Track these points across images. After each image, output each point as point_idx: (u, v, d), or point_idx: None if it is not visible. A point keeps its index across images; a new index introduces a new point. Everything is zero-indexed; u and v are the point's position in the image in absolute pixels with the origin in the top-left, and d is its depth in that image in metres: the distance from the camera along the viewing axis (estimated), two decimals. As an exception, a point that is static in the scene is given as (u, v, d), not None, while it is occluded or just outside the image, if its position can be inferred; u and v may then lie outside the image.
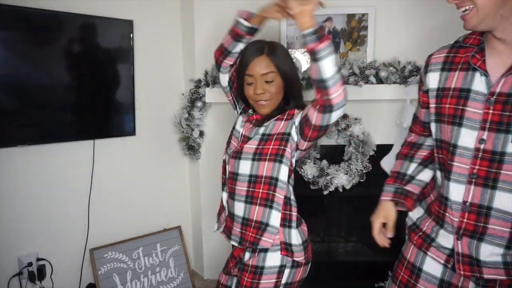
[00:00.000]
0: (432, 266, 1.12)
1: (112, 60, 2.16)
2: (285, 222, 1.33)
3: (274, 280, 1.30)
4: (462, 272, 1.04)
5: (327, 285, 2.30)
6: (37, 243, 2.08)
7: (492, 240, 0.99)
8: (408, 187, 1.23)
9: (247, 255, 1.38)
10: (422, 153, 1.26)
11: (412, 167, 1.25)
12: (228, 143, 1.48)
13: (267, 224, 1.31)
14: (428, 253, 1.13)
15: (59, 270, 2.15)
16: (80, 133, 2.11)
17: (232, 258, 1.51)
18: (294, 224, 1.34)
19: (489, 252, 1.00)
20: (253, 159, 1.32)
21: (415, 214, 1.22)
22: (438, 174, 1.14)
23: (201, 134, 2.43)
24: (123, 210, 2.39)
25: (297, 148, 1.32)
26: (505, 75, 0.95)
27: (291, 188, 1.36)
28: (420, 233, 1.17)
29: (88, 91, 2.09)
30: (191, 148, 2.44)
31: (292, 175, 1.36)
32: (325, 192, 2.17)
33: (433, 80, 1.11)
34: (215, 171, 2.52)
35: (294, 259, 1.32)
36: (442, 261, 1.10)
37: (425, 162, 1.24)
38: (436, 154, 1.14)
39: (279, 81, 1.35)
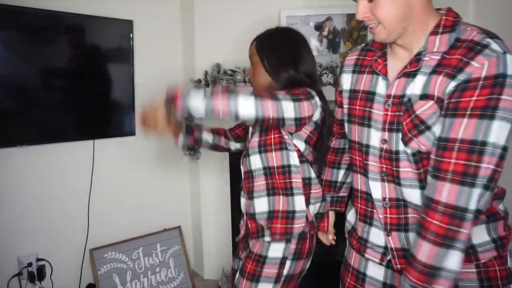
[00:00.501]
0: (374, 270, 1.14)
1: (112, 60, 2.16)
2: (309, 201, 1.35)
3: (276, 271, 1.31)
4: (398, 266, 1.06)
5: (327, 285, 2.30)
6: (37, 243, 2.08)
7: (416, 229, 1.02)
8: (342, 193, 1.38)
9: (252, 242, 1.39)
10: (347, 157, 1.33)
11: (341, 174, 1.36)
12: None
13: (294, 212, 1.32)
14: (365, 255, 1.14)
15: (59, 270, 2.15)
16: (80, 133, 2.11)
17: (242, 240, 1.50)
18: (315, 200, 1.36)
19: None
20: (260, 152, 1.33)
21: (352, 217, 1.24)
22: (351, 172, 1.21)
23: (201, 134, 2.42)
24: (123, 210, 2.39)
25: (291, 133, 1.31)
26: (397, 78, 1.00)
27: (307, 168, 1.35)
28: (357, 237, 1.19)
29: (88, 91, 2.09)
30: (191, 148, 2.43)
31: (304, 154, 1.34)
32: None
33: (346, 81, 1.17)
34: (215, 171, 2.52)
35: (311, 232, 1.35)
36: (378, 260, 1.11)
37: (351, 166, 1.30)
38: (349, 154, 1.19)
39: (261, 65, 1.39)
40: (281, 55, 1.37)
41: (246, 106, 1.12)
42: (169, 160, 2.57)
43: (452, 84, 0.90)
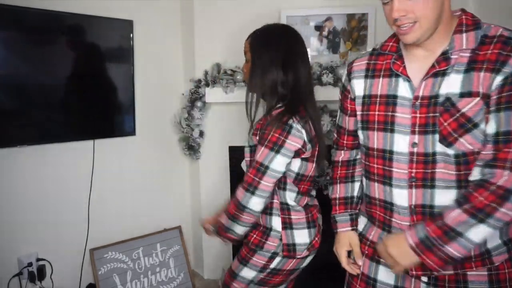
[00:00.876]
0: (386, 275, 1.13)
1: (112, 60, 2.16)
2: (287, 225, 1.36)
3: (264, 262, 1.37)
4: (414, 273, 1.06)
5: (327, 285, 2.30)
6: (37, 243, 2.08)
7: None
8: (357, 209, 1.25)
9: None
10: (360, 168, 1.25)
11: (356, 188, 1.24)
12: None
13: (271, 229, 1.37)
14: (382, 261, 1.13)
15: (59, 270, 2.15)
16: (80, 133, 2.11)
17: None
18: (300, 225, 1.37)
19: None
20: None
21: (360, 224, 1.23)
22: (364, 180, 1.17)
23: (201, 134, 2.43)
24: (123, 210, 2.39)
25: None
26: (425, 79, 0.99)
27: (286, 194, 1.37)
28: (369, 243, 1.17)
29: (88, 91, 2.09)
30: (191, 148, 2.44)
31: (288, 182, 1.36)
32: (326, 192, 2.17)
33: (358, 87, 1.13)
34: (215, 171, 2.52)
35: (297, 257, 1.36)
36: None
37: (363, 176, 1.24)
38: (364, 161, 1.16)
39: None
40: (271, 55, 1.35)
41: (256, 208, 1.29)
42: (169, 160, 2.57)
43: (498, 79, 0.90)
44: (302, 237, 1.36)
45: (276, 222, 1.36)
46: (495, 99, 0.91)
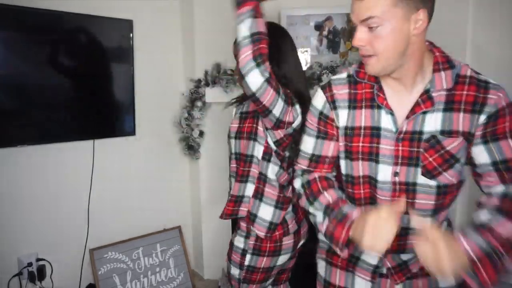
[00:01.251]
0: (362, 284, 1.14)
1: (112, 60, 2.16)
2: (257, 195, 1.40)
3: (239, 259, 1.44)
4: (398, 281, 1.09)
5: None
6: (37, 243, 2.08)
7: (410, 251, 1.08)
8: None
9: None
10: (336, 183, 1.18)
11: (341, 194, 1.15)
12: None
13: (242, 196, 1.42)
14: (356, 272, 1.14)
15: (59, 270, 2.15)
16: (80, 133, 2.11)
17: None
18: (269, 201, 1.40)
19: (409, 254, 1.09)
20: (235, 138, 1.43)
21: None
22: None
23: (201, 134, 2.43)
24: (123, 210, 2.39)
25: (267, 128, 1.36)
26: (409, 118, 1.00)
27: (269, 166, 1.39)
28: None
29: (88, 91, 2.09)
30: (191, 148, 2.44)
31: (273, 154, 1.39)
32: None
33: (342, 118, 1.10)
34: (215, 171, 2.53)
35: (253, 228, 1.40)
36: (369, 278, 1.13)
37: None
38: (346, 189, 1.14)
39: None
40: None
41: (254, 79, 1.20)
42: (169, 160, 2.57)
43: (482, 118, 0.97)
44: (265, 212, 1.39)
45: (248, 189, 1.40)
46: (480, 134, 0.98)
